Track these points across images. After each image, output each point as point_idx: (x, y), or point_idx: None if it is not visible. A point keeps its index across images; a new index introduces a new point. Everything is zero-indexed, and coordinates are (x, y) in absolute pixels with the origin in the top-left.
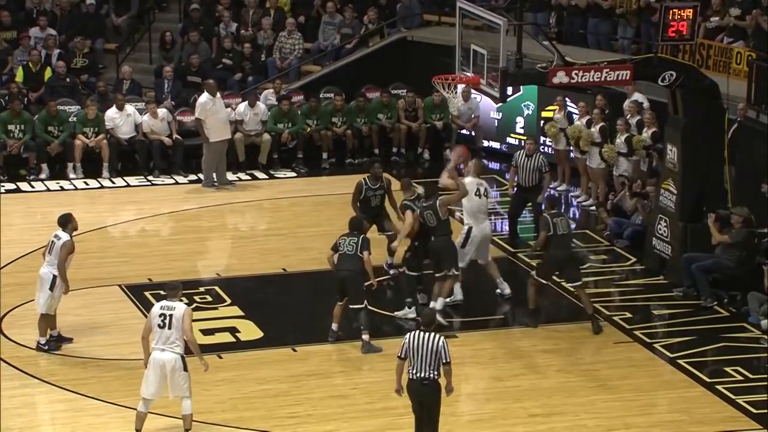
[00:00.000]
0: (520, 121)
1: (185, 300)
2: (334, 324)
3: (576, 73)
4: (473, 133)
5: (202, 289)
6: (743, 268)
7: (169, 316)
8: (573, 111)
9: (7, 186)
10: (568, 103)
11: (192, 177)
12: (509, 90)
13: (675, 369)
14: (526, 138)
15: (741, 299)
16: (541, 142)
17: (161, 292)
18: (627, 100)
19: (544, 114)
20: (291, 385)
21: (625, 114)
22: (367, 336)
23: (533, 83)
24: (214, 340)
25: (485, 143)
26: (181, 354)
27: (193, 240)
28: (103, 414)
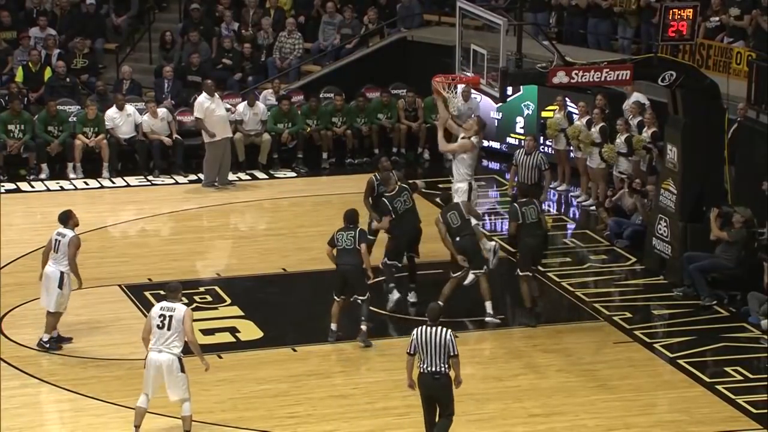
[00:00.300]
0: (520, 121)
1: (185, 300)
2: (333, 324)
3: (576, 73)
4: None
5: (202, 289)
6: (742, 267)
7: (169, 317)
8: (573, 111)
9: (7, 186)
10: (568, 103)
11: (192, 177)
12: (509, 90)
13: (675, 369)
14: (525, 137)
15: (741, 299)
16: (541, 142)
17: (161, 292)
18: (627, 100)
19: (544, 114)
20: (291, 385)
21: (626, 115)
22: (365, 327)
23: (533, 83)
24: (214, 340)
25: (485, 143)
26: (179, 355)
27: (193, 240)
28: (103, 414)
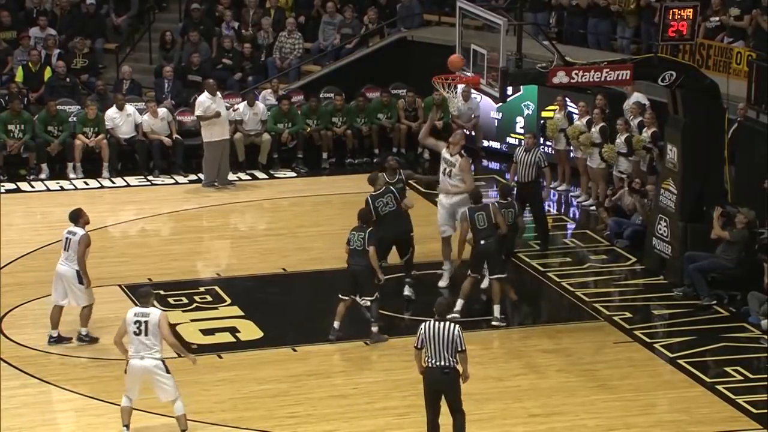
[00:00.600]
0: (520, 121)
1: (158, 305)
2: (336, 322)
3: (576, 73)
4: (473, 133)
5: (202, 289)
6: (742, 268)
7: (144, 322)
8: (573, 111)
9: (7, 186)
10: (568, 103)
11: (192, 177)
12: (509, 90)
13: (675, 369)
14: (524, 135)
15: (741, 299)
16: (541, 143)
17: (161, 292)
18: (627, 100)
19: (544, 114)
20: (291, 385)
21: (626, 115)
22: (376, 328)
23: (533, 83)
24: (214, 340)
25: (485, 143)
26: (161, 358)
27: (193, 240)
28: (103, 414)
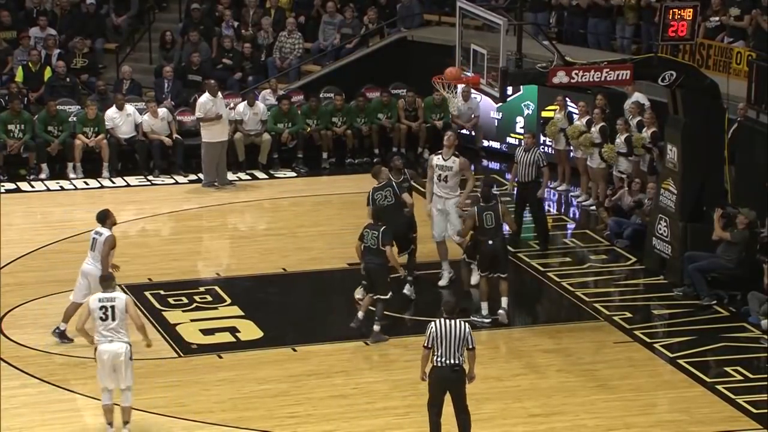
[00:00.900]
0: (520, 121)
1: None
2: (360, 312)
3: (576, 73)
4: (473, 133)
5: (202, 289)
6: (742, 268)
7: (111, 307)
8: (573, 111)
9: (7, 186)
10: (568, 103)
11: (192, 177)
12: (509, 90)
13: (675, 369)
14: (524, 135)
15: (741, 299)
16: (541, 142)
17: (161, 292)
18: (628, 100)
19: (544, 114)
20: (291, 385)
21: (626, 114)
22: (379, 327)
23: (533, 83)
24: (214, 340)
25: (485, 143)
26: (129, 342)
27: (193, 240)
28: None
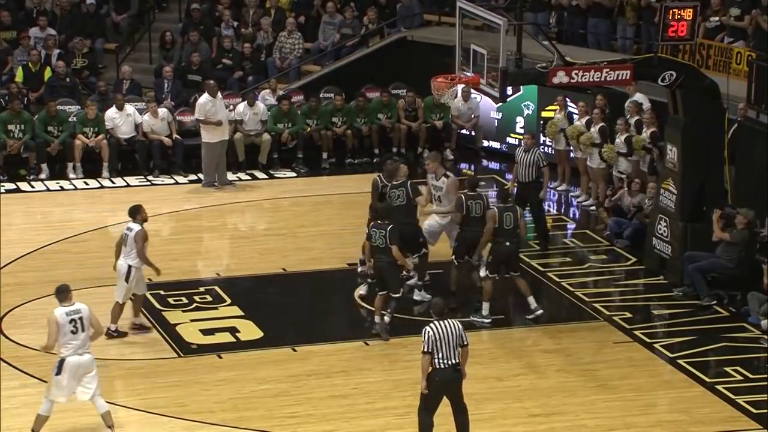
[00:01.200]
0: (520, 121)
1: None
2: (377, 317)
3: (576, 73)
4: (473, 133)
5: (202, 289)
6: (742, 268)
7: (79, 319)
8: (573, 111)
9: (7, 186)
10: (568, 103)
11: (192, 177)
12: (509, 90)
13: (675, 369)
14: (523, 136)
15: (741, 299)
16: (541, 142)
17: (161, 292)
18: (628, 100)
19: (544, 114)
20: (291, 385)
21: (625, 114)
22: (389, 318)
23: (533, 83)
24: (214, 340)
25: (485, 143)
26: (91, 354)
27: (193, 240)
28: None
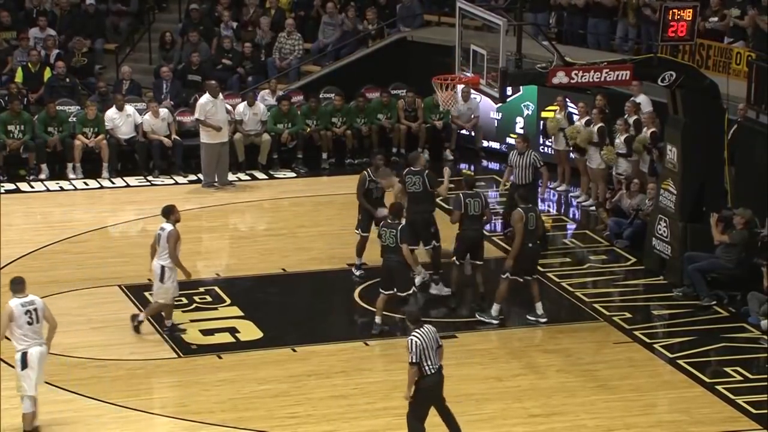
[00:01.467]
0: (520, 121)
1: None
2: (378, 317)
3: (576, 73)
4: (473, 133)
5: (202, 289)
6: (741, 268)
7: (34, 310)
8: (573, 111)
9: (7, 186)
10: (568, 103)
11: (192, 177)
12: (509, 90)
13: (675, 369)
14: (516, 139)
15: (741, 299)
16: (541, 142)
17: None
18: (629, 100)
19: (544, 114)
20: (291, 385)
21: (625, 113)
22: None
23: (533, 83)
24: (214, 340)
25: (485, 143)
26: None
27: (193, 240)
28: (103, 414)
